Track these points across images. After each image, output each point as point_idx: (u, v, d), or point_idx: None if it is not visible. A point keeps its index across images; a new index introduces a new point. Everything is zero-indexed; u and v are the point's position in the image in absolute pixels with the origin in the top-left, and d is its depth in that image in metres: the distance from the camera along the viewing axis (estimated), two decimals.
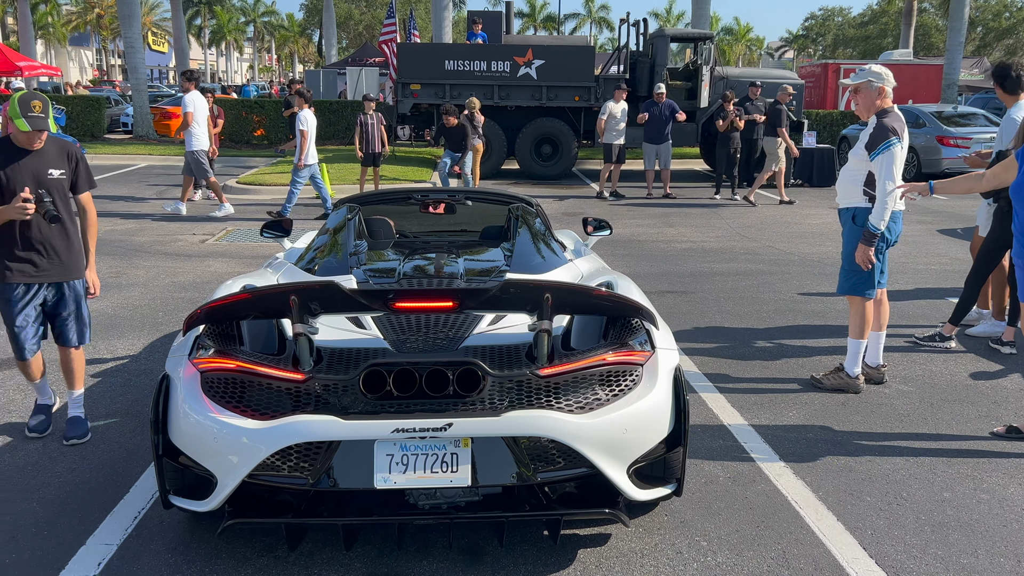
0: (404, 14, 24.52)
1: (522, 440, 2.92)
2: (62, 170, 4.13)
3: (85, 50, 79.90)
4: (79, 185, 4.26)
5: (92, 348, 5.87)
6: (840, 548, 3.32)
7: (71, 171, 4.20)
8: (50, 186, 4.06)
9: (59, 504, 3.68)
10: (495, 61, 16.63)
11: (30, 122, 3.89)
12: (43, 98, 3.96)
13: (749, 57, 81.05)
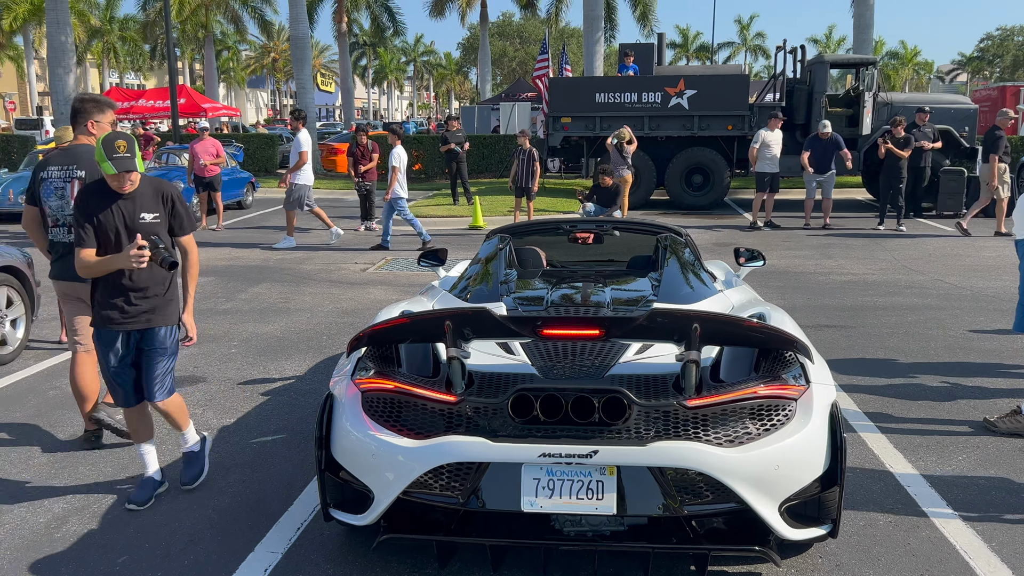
0: (557, 49, 24.97)
1: (669, 471, 2.90)
2: (156, 214, 3.88)
3: (261, 91, 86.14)
4: (177, 228, 4.01)
5: (262, 368, 6.31)
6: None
7: (167, 214, 3.95)
8: (143, 231, 3.80)
9: (231, 512, 3.97)
10: (646, 92, 16.64)
11: (116, 164, 3.64)
12: (128, 137, 3.73)
13: (917, 82, 76.89)
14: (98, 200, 3.79)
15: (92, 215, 3.78)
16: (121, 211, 3.81)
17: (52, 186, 4.61)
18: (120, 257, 3.70)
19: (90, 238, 3.78)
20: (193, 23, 38.46)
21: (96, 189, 3.83)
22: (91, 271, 3.80)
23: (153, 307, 3.92)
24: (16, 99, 55.07)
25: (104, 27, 48.98)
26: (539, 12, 35.91)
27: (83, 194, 3.82)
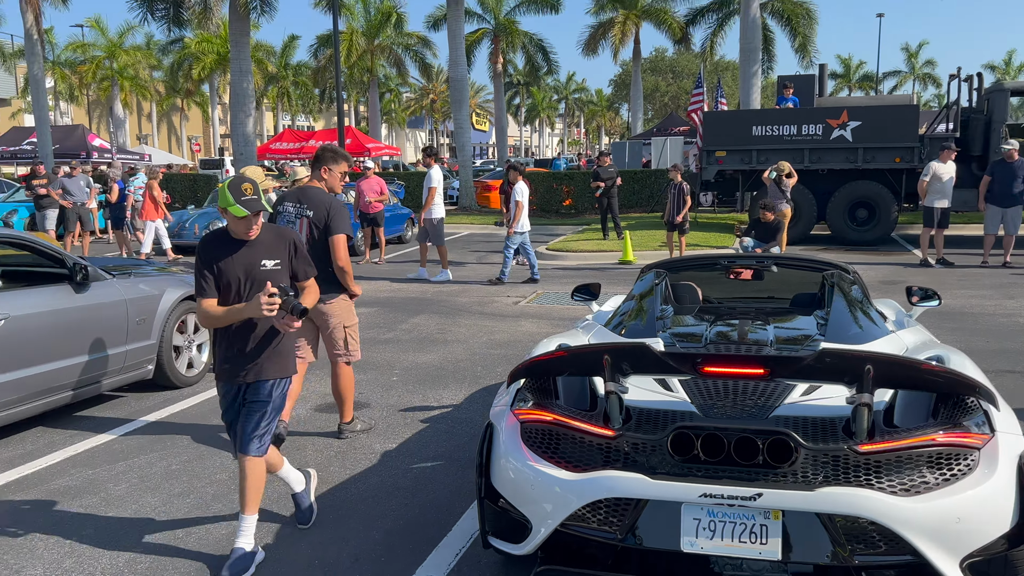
0: (712, 83, 24.69)
1: (838, 518, 2.79)
2: (277, 260, 3.80)
3: (420, 131, 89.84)
4: (300, 274, 3.94)
5: (421, 396, 6.53)
6: None
7: (288, 260, 3.87)
8: (263, 278, 3.74)
9: (395, 534, 4.13)
10: (806, 124, 16.15)
11: (245, 206, 3.60)
12: (252, 180, 3.71)
13: None
14: (219, 248, 3.74)
15: (213, 263, 3.73)
16: (242, 259, 3.74)
17: (286, 219, 5.30)
18: (250, 306, 3.62)
19: (211, 288, 3.73)
20: (360, 68, 40.71)
21: (217, 238, 3.78)
22: (217, 321, 3.72)
23: (265, 358, 3.81)
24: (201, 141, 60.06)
25: (280, 73, 52.67)
26: (693, 46, 35.66)
27: (205, 243, 3.76)
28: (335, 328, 5.36)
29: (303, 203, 5.23)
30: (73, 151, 26.67)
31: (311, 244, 5.20)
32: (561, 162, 41.83)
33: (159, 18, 22.57)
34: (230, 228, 3.73)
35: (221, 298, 3.75)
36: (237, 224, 3.69)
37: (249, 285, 3.75)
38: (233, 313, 3.68)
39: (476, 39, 37.28)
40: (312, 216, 5.17)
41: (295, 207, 5.26)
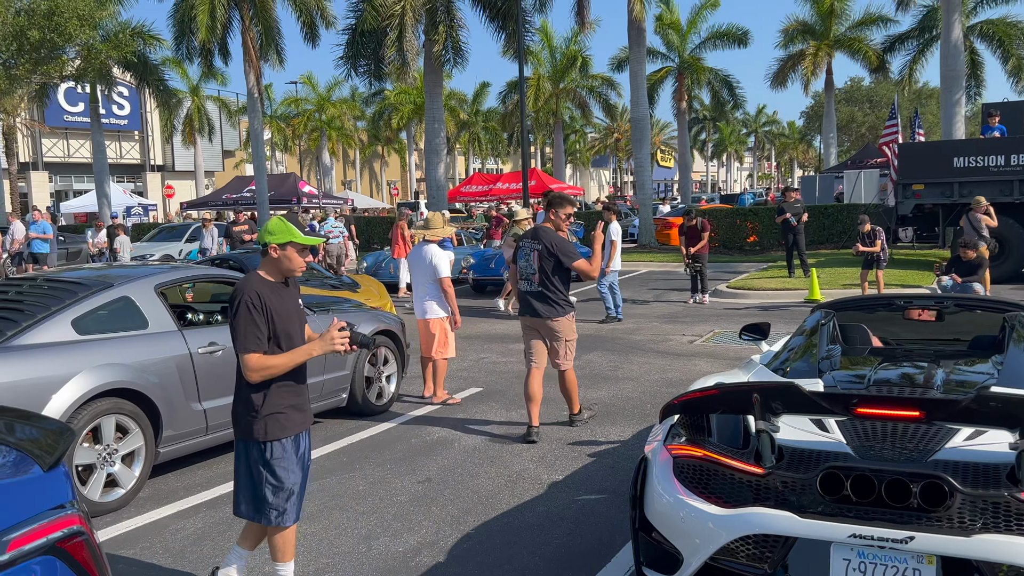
0: (909, 113, 23.39)
1: (1000, 568, 2.70)
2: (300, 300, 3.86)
3: (603, 170, 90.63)
4: None
5: (590, 431, 6.72)
6: None
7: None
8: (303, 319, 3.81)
9: (556, 561, 4.33)
10: (1016, 155, 14.98)
11: (307, 235, 3.69)
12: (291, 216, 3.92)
13: None
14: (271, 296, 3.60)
15: (271, 310, 3.57)
16: (292, 301, 3.72)
17: (523, 252, 6.58)
18: (318, 343, 3.60)
19: (263, 340, 3.56)
20: (545, 111, 41.96)
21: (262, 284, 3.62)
22: (278, 369, 3.57)
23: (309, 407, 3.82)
24: (399, 185, 63.85)
25: (470, 119, 55.23)
26: (891, 75, 33.92)
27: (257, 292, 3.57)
28: (559, 341, 6.53)
29: (537, 239, 6.49)
30: (285, 197, 29.27)
31: (541, 271, 6.43)
32: (747, 197, 40.80)
33: (361, 73, 24.47)
34: (288, 264, 3.62)
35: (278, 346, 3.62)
36: (297, 257, 3.63)
37: (300, 327, 3.74)
38: (297, 355, 3.60)
39: (660, 77, 37.41)
40: (541, 249, 6.42)
41: (530, 243, 6.54)
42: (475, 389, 8.39)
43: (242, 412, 3.64)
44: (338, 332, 3.56)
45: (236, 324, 3.54)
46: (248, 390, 3.62)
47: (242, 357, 3.53)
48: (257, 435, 3.60)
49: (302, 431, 3.72)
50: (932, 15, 27.82)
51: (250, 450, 3.65)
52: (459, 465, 5.96)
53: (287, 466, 3.64)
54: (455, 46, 23.77)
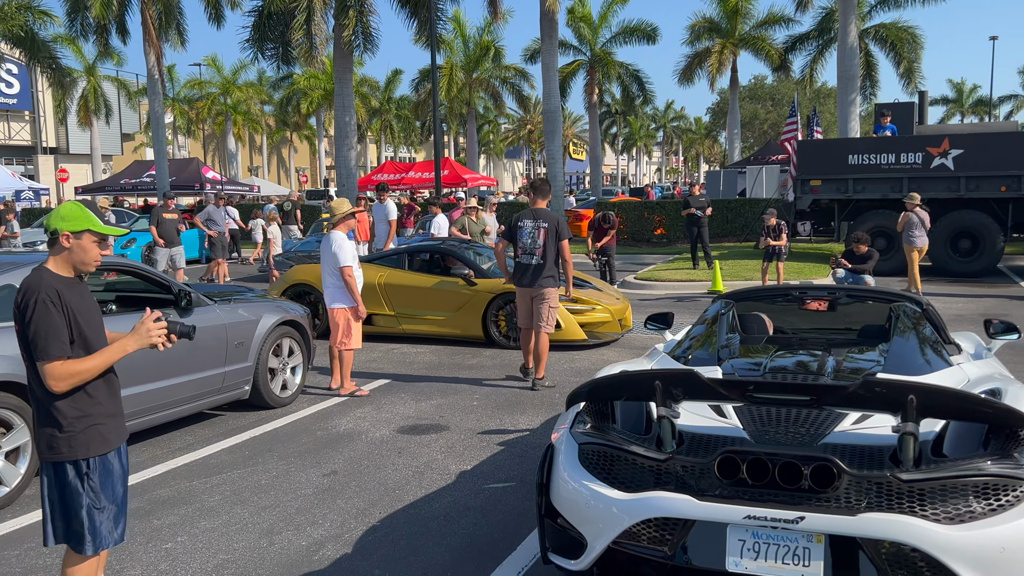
0: (808, 111, 24.27)
1: (882, 544, 2.83)
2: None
3: (517, 161, 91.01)
4: None
5: (499, 420, 6.74)
6: None
7: None
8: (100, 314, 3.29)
9: (462, 551, 4.32)
10: (905, 153, 15.74)
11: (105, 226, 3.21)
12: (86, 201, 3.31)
13: None
14: (65, 290, 3.10)
15: (71, 309, 3.09)
16: (87, 294, 3.22)
17: (526, 230, 7.62)
18: (133, 337, 3.16)
19: (67, 344, 3.06)
20: (459, 100, 41.78)
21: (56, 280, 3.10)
22: (90, 374, 3.09)
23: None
24: (308, 172, 62.60)
25: (383, 107, 54.53)
26: (792, 73, 35.12)
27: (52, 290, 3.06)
28: (545, 306, 7.60)
29: (539, 219, 7.59)
30: (188, 183, 28.32)
31: (546, 246, 7.54)
32: (656, 190, 41.64)
33: (269, 56, 23.83)
34: (81, 255, 3.14)
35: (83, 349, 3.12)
36: (94, 247, 3.17)
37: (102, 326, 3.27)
38: (111, 354, 3.13)
39: (572, 70, 37.73)
40: (547, 227, 7.55)
41: (532, 222, 7.60)
42: (384, 380, 8.30)
43: (51, 429, 3.08)
44: (154, 323, 3.16)
45: (33, 328, 3.00)
46: (55, 403, 3.07)
47: (44, 366, 2.99)
48: (75, 453, 3.08)
49: (123, 442, 3.27)
50: (830, 17, 28.89)
51: (64, 472, 3.10)
52: (366, 457, 5.89)
53: (112, 484, 3.18)
54: (366, 32, 23.41)
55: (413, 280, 10.18)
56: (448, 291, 9.94)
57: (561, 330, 9.41)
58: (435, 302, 10.01)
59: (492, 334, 9.83)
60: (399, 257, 10.60)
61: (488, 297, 9.72)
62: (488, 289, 9.72)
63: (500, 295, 9.62)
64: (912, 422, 2.91)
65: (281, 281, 10.72)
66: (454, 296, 9.91)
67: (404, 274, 10.32)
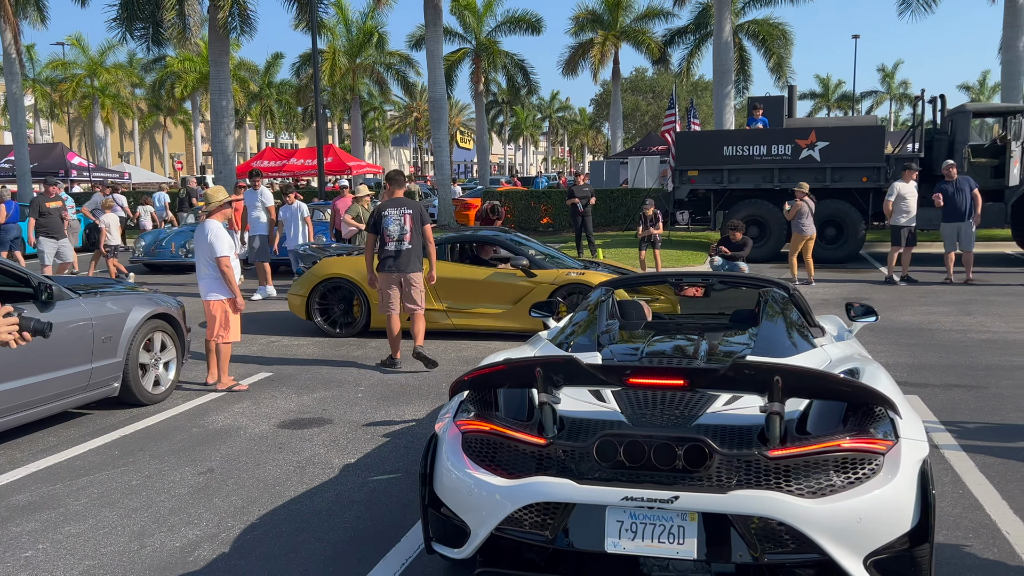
0: (686, 103, 25.06)
1: (753, 520, 2.95)
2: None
3: (404, 149, 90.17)
4: None
5: (384, 412, 6.67)
6: None
7: None
8: None
9: (344, 546, 4.25)
10: (776, 145, 16.47)
11: None
12: None
13: None
14: None
15: None
16: None
17: (392, 218, 7.87)
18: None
19: None
20: (342, 86, 40.99)
21: None
22: None
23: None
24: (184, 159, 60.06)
25: (263, 91, 52.87)
26: (671, 66, 36.15)
27: None
28: (415, 289, 7.96)
29: (402, 206, 7.93)
30: (51, 169, 26.66)
31: (413, 231, 7.87)
32: (542, 180, 42.12)
33: (138, 37, 22.71)
34: None
35: None
36: None
37: None
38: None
39: (458, 59, 37.63)
40: (412, 213, 7.91)
41: (397, 210, 7.91)
42: (264, 374, 8.07)
43: None
44: (2, 318, 2.94)
45: None
46: None
47: None
48: None
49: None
50: (706, 12, 29.90)
51: None
52: (244, 454, 5.72)
53: None
54: (242, 14, 22.61)
55: (463, 272, 9.63)
56: (504, 283, 9.46)
57: None
58: (489, 295, 9.47)
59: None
60: (441, 247, 10.04)
61: (550, 289, 9.29)
62: (550, 280, 9.33)
63: (563, 286, 9.27)
64: (778, 402, 3.04)
65: (311, 276, 9.85)
66: (511, 288, 9.43)
67: (452, 266, 9.75)
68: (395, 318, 8.01)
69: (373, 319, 9.64)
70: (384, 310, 7.97)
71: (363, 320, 9.75)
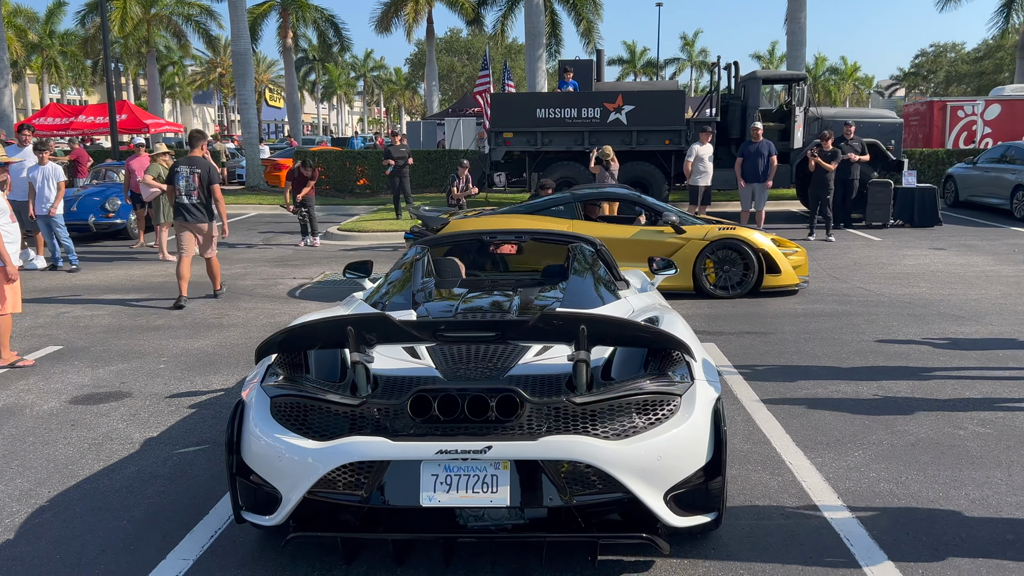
0: (500, 65, 25.25)
1: (562, 465, 3.05)
2: None
3: (208, 107, 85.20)
4: None
5: (190, 383, 6.33)
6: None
7: None
8: None
9: (147, 522, 4.01)
10: (586, 108, 16.95)
11: None
12: None
13: (858, 96, 79.01)
14: None
15: None
16: None
17: (182, 175, 9.04)
18: None
19: None
20: (135, 38, 37.96)
21: None
22: None
23: None
24: None
25: (44, 42, 48.09)
26: (485, 28, 36.24)
27: None
28: (206, 237, 9.29)
29: (193, 165, 9.09)
30: None
31: (200, 188, 9.09)
32: (357, 141, 41.21)
33: None
34: None
35: None
36: None
37: None
38: None
39: (264, 11, 35.87)
40: (201, 172, 9.10)
41: (188, 168, 9.07)
42: (53, 347, 7.43)
43: None
44: None
45: None
46: None
47: None
48: None
49: None
50: None
51: None
52: (31, 433, 5.25)
53: None
54: None
55: (606, 231, 9.30)
56: (652, 241, 9.23)
57: (780, 275, 9.18)
58: (635, 253, 9.14)
59: (704, 284, 9.24)
60: (570, 206, 9.60)
61: (700, 245, 9.14)
62: (700, 236, 9.18)
63: (714, 241, 9.14)
64: (584, 350, 3.15)
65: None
66: (659, 246, 9.21)
67: (595, 225, 9.44)
68: (186, 261, 9.18)
69: None
70: (180, 253, 9.16)
71: None
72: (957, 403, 5.54)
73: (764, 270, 9.17)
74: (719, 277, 9.25)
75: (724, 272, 9.22)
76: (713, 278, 9.27)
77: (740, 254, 9.18)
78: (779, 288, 9.31)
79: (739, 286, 9.20)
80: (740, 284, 9.21)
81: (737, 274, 9.22)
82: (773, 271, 9.18)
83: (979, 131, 24.80)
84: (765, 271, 9.17)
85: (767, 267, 9.17)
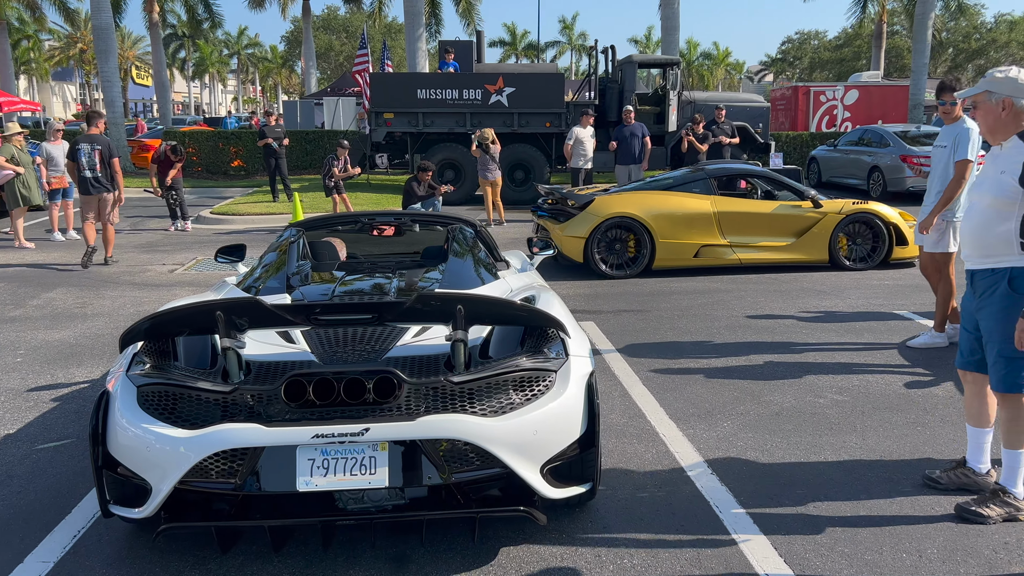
0: (379, 45, 24.87)
1: (441, 443, 3.06)
2: None
3: (68, 85, 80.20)
4: None
5: (50, 376, 5.99)
6: (752, 548, 3.45)
7: None
8: None
9: (2, 525, 3.77)
10: (467, 89, 16.90)
11: None
12: None
13: (729, 81, 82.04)
14: None
15: None
16: None
17: (84, 151, 10.02)
18: None
19: None
20: None
21: None
22: None
23: None
24: None
25: None
26: (363, 6, 35.56)
27: None
28: (108, 205, 10.31)
29: (94, 142, 10.09)
30: None
31: (102, 163, 10.12)
32: (231, 121, 39.71)
33: None
34: None
35: None
36: None
37: None
38: None
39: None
40: (102, 149, 10.11)
41: (89, 146, 10.05)
42: None
43: None
44: None
45: None
46: None
47: None
48: None
49: None
50: None
51: None
52: None
53: None
54: None
55: (748, 207, 9.55)
56: (791, 215, 9.55)
57: (907, 247, 9.59)
58: (775, 228, 9.55)
59: (838, 258, 9.56)
60: (705, 182, 9.73)
61: (837, 219, 9.52)
62: (836, 210, 9.54)
63: (849, 215, 9.53)
64: (461, 330, 3.16)
65: (590, 216, 9.38)
66: (798, 220, 9.55)
67: (737, 201, 9.64)
68: (89, 226, 10.31)
69: (658, 257, 9.45)
70: (85, 220, 10.31)
71: (647, 258, 9.47)
72: (818, 373, 5.87)
73: (894, 242, 9.66)
74: (851, 250, 9.73)
75: (856, 245, 9.72)
76: (846, 251, 9.72)
77: (871, 227, 9.66)
78: (906, 260, 9.84)
79: (868, 258, 9.70)
80: (870, 256, 9.70)
81: (865, 247, 9.70)
82: (902, 243, 9.67)
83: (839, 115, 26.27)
84: (895, 243, 9.68)
85: (896, 239, 9.68)
